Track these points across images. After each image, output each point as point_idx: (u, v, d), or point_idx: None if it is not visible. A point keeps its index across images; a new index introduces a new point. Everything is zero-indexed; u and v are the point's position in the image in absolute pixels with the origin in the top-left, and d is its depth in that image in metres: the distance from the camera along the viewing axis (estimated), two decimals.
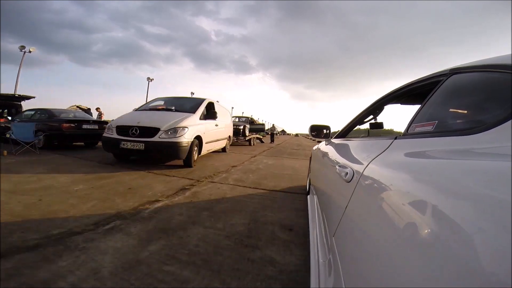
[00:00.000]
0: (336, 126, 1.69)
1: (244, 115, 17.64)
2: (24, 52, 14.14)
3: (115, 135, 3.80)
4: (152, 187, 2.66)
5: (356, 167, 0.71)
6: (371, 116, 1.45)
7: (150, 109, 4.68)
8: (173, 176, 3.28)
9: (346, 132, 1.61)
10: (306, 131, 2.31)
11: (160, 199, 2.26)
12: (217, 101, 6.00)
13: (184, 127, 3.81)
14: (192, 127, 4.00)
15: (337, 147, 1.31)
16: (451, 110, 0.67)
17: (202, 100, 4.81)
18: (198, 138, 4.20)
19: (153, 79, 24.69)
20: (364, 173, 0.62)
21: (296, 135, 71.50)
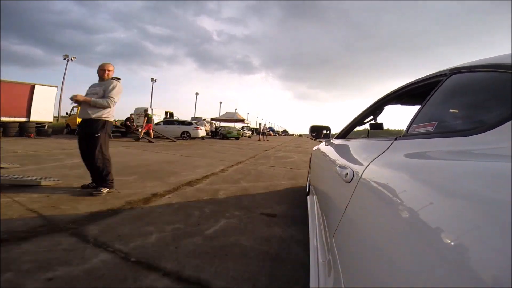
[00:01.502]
0: (340, 126, 1.66)
1: None
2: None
3: None
4: None
5: (356, 167, 0.71)
6: (371, 117, 1.45)
7: None
8: None
9: (346, 133, 1.61)
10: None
11: None
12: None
13: None
14: None
15: (337, 148, 1.31)
16: (451, 110, 0.67)
17: None
18: None
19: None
20: (364, 173, 0.61)
21: (300, 135, 61.05)
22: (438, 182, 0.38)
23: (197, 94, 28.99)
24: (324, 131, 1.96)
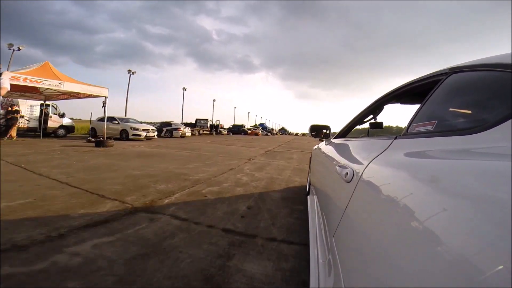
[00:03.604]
0: (340, 126, 1.66)
1: None
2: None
3: None
4: None
5: (356, 167, 0.71)
6: (371, 116, 1.45)
7: None
8: None
9: (346, 132, 1.61)
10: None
11: None
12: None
13: None
14: None
15: (337, 147, 1.30)
16: (451, 109, 0.67)
17: None
18: None
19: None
20: (364, 173, 0.61)
21: (303, 135, 54.06)
22: (438, 181, 0.38)
23: (131, 71, 23.44)
24: (324, 130, 1.96)
